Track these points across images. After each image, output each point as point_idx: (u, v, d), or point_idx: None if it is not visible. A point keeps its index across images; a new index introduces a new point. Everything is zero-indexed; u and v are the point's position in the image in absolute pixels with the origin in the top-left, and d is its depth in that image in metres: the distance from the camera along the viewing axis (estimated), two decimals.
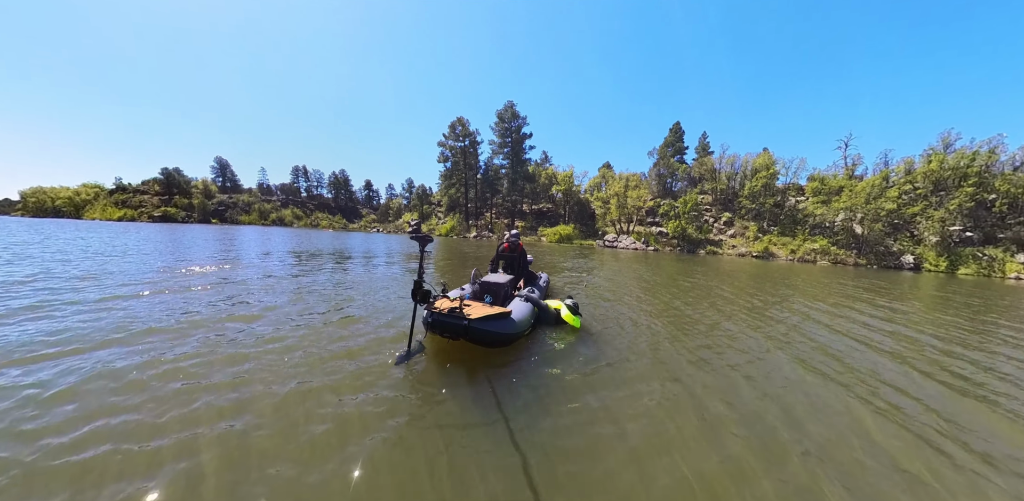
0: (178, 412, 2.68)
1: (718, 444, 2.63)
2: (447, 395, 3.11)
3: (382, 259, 14.19)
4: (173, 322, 4.66)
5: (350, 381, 3.25)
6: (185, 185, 63.23)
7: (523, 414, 2.89)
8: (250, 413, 2.70)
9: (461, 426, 2.70)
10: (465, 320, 3.67)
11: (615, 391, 3.36)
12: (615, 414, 2.96)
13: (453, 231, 50.23)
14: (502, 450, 2.44)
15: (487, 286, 5.07)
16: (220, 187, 72.23)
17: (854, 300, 9.55)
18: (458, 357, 3.90)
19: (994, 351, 5.34)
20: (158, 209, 57.05)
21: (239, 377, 3.24)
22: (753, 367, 4.16)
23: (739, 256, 31.61)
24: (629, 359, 4.17)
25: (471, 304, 4.08)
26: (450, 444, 2.48)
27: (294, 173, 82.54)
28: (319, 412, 2.76)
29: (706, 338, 5.19)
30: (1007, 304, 10.53)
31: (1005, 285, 18.11)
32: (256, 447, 2.34)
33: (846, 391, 3.64)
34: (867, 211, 28.58)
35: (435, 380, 3.38)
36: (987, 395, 3.72)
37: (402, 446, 2.42)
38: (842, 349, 5.03)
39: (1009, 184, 26.10)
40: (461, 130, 51.53)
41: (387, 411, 2.82)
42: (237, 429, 2.50)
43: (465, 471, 2.23)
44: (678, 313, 6.72)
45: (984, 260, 24.33)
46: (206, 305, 5.54)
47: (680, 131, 50.17)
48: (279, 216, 68.35)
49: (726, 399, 3.33)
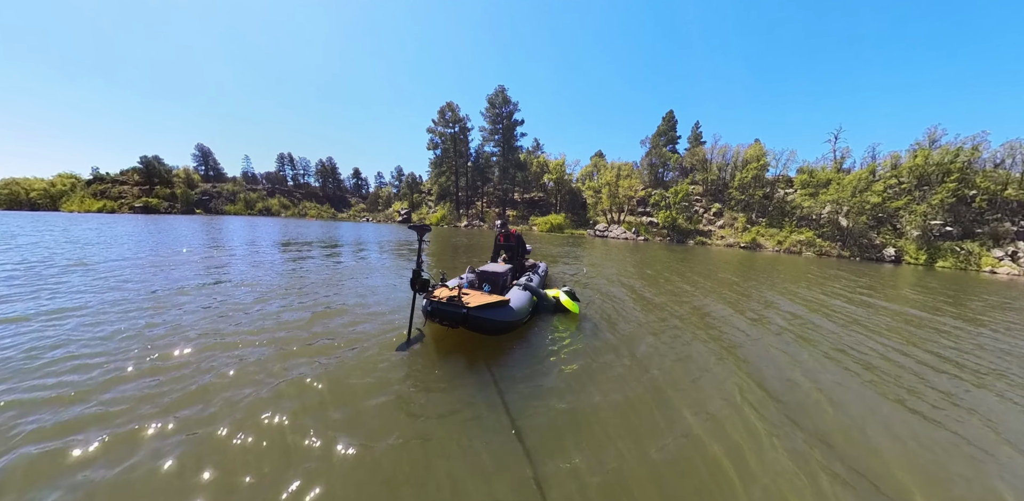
0: (188, 410, 2.64)
1: (718, 425, 2.69)
2: (447, 382, 3.13)
3: (374, 248, 14.04)
4: (169, 328, 4.53)
5: (350, 369, 3.25)
6: (166, 174, 61.05)
7: (522, 400, 2.91)
8: (247, 399, 2.68)
9: (460, 412, 2.71)
10: (464, 308, 3.69)
11: (614, 377, 3.40)
12: (614, 399, 3.00)
13: (444, 220, 49.84)
14: (501, 436, 2.46)
15: (485, 275, 5.10)
16: (203, 176, 70.02)
17: (833, 292, 9.81)
18: (457, 345, 3.92)
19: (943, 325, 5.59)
20: (139, 200, 55.13)
21: (239, 367, 3.20)
22: (747, 350, 4.25)
23: (727, 246, 32.08)
24: (627, 345, 4.23)
25: (470, 293, 4.09)
26: (450, 430, 2.49)
27: (279, 161, 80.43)
28: (319, 401, 2.75)
29: (702, 323, 5.28)
30: (987, 298, 10.95)
31: (980, 277, 18.79)
32: (252, 435, 2.33)
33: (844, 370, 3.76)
34: (853, 204, 29.10)
35: (435, 368, 3.39)
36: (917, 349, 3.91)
37: (402, 431, 2.43)
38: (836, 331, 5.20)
39: (989, 181, 26.77)
40: (451, 116, 50.58)
41: (387, 398, 2.82)
42: (237, 418, 2.48)
43: (466, 457, 2.25)
44: (675, 301, 6.81)
45: (962, 254, 25.07)
46: (198, 307, 5.41)
47: (673, 120, 50.07)
48: (266, 206, 66.84)
49: (723, 384, 3.40)
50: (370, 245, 15.32)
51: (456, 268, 9.27)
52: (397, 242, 17.38)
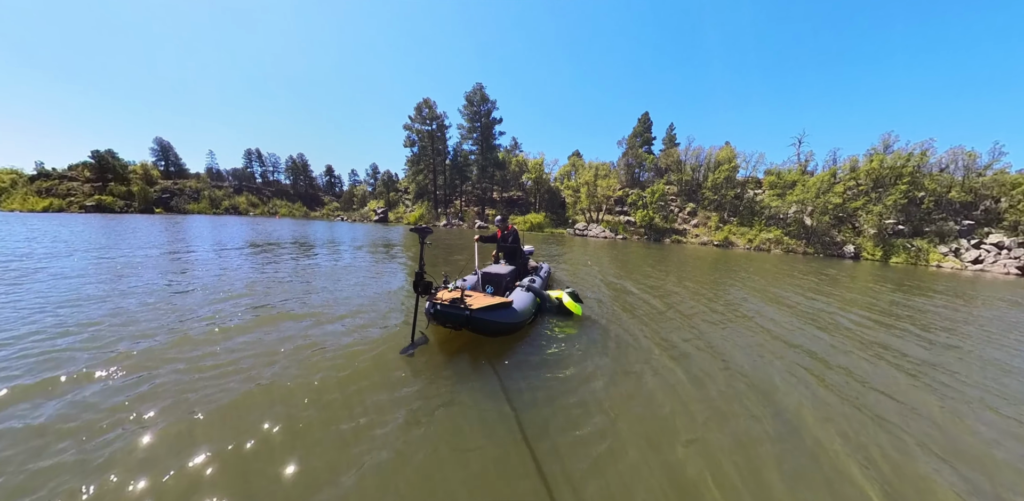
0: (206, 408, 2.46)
1: (721, 423, 2.75)
2: (451, 384, 3.09)
3: (366, 249, 13.66)
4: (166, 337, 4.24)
5: (354, 372, 3.17)
6: (122, 170, 56.75)
7: (527, 401, 2.90)
8: (257, 403, 2.54)
9: (466, 414, 2.69)
10: (467, 310, 3.65)
11: (618, 377, 3.43)
12: (618, 400, 3.02)
13: (422, 219, 49.14)
14: (508, 438, 2.44)
15: (488, 277, 5.08)
16: (163, 172, 65.68)
17: (799, 286, 10.33)
18: (461, 347, 3.86)
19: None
20: (90, 198, 51.02)
21: (245, 371, 3.03)
22: (748, 348, 4.40)
23: (702, 244, 33.19)
24: (630, 345, 4.28)
25: (472, 294, 4.05)
26: (456, 432, 2.47)
27: (247, 157, 76.87)
28: (324, 404, 2.66)
29: (699, 321, 5.41)
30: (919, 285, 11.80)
31: (928, 271, 20.25)
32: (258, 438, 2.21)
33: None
34: (817, 204, 30.79)
35: (439, 370, 3.33)
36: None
37: (407, 435, 2.40)
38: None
39: (936, 184, 29.06)
40: (428, 112, 49.77)
41: (392, 399, 2.79)
42: (246, 420, 2.34)
43: (472, 460, 2.22)
44: (672, 300, 6.96)
45: (912, 250, 27.02)
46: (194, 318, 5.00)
47: (648, 121, 51.22)
48: (232, 204, 63.59)
49: (719, 379, 3.49)
50: (344, 245, 14.90)
51: (436, 267, 9.22)
52: (374, 243, 16.97)
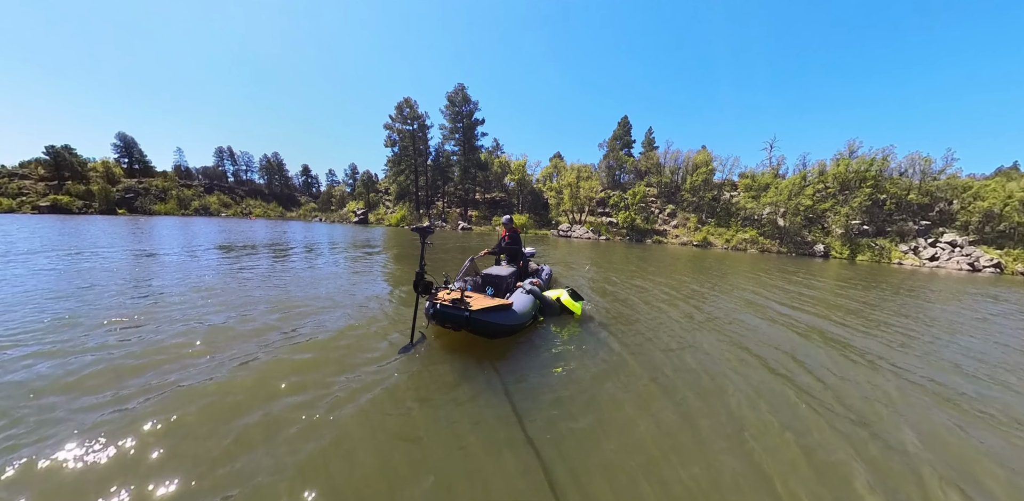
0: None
1: (721, 423, 2.78)
2: (451, 384, 3.05)
3: (351, 250, 13.30)
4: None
5: (355, 372, 3.09)
6: (80, 167, 53.17)
7: (527, 401, 2.87)
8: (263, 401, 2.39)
9: (464, 412, 2.65)
10: (466, 311, 3.60)
11: (616, 377, 3.43)
12: (618, 400, 3.01)
13: (404, 221, 48.39)
14: (508, 437, 2.41)
15: (489, 278, 5.06)
16: (126, 170, 61.94)
17: (773, 284, 10.72)
18: (461, 347, 3.80)
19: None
20: (45, 198, 47.69)
21: (245, 371, 2.85)
22: (748, 343, 4.49)
23: (681, 245, 34.04)
24: (628, 345, 4.28)
25: (472, 296, 4.00)
26: (456, 431, 2.43)
27: (218, 155, 73.95)
28: (326, 404, 2.57)
29: (694, 319, 5.49)
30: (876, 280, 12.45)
31: (890, 268, 21.42)
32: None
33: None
34: (789, 206, 32.15)
35: (438, 370, 3.27)
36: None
37: (406, 433, 2.37)
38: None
39: (896, 187, 31.00)
40: (409, 112, 49.14)
41: (392, 399, 2.74)
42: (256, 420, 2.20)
43: (472, 459, 2.18)
44: (668, 298, 7.06)
45: (876, 249, 28.61)
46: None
47: (628, 125, 52.16)
48: (203, 204, 60.67)
49: (720, 379, 3.54)
50: (324, 247, 14.50)
51: (429, 266, 9.04)
52: (356, 244, 16.59)
